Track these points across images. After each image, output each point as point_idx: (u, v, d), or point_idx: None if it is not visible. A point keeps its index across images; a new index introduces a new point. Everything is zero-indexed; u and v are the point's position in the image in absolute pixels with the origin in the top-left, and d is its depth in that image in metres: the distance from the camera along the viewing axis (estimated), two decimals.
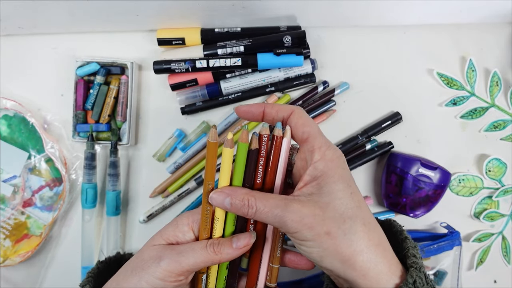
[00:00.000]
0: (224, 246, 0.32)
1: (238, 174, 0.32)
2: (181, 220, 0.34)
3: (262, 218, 0.30)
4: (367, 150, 0.50)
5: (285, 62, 0.47)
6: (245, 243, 0.32)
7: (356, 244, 0.28)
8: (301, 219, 0.28)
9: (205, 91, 0.49)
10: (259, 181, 0.32)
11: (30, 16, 0.47)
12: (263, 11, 0.46)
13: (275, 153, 0.32)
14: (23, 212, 0.51)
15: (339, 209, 0.28)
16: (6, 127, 0.51)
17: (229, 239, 0.32)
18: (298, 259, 0.35)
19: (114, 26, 0.50)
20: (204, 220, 0.32)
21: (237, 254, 0.32)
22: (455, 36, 0.51)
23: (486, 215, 0.50)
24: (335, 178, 0.29)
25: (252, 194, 0.30)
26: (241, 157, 0.32)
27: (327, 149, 0.30)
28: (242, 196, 0.30)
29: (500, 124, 0.51)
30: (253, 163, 0.32)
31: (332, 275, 0.31)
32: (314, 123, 0.32)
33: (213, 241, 0.32)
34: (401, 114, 0.50)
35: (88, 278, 0.34)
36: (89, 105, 0.50)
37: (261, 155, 0.32)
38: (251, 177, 0.32)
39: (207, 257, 0.31)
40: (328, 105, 0.50)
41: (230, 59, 0.47)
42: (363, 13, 0.48)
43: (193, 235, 0.33)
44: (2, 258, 0.50)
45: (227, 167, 0.32)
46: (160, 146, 0.51)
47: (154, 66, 0.48)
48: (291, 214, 0.28)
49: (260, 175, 0.32)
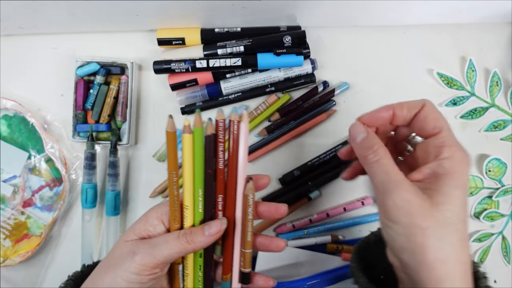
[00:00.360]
0: (197, 234, 0.32)
1: (197, 159, 0.32)
2: (150, 214, 0.34)
3: (374, 170, 0.30)
4: None
5: (285, 62, 0.47)
6: (217, 230, 0.33)
7: (445, 253, 0.27)
8: (406, 202, 0.27)
9: (205, 91, 0.49)
10: (221, 167, 0.33)
11: (30, 16, 0.47)
12: (263, 11, 0.46)
13: (235, 138, 0.33)
14: (23, 212, 0.51)
15: (447, 214, 0.27)
16: (6, 127, 0.51)
17: (200, 228, 0.33)
18: (269, 241, 0.36)
19: (114, 26, 0.50)
20: (173, 211, 0.33)
21: (210, 241, 0.32)
22: (455, 36, 0.51)
23: (486, 215, 0.50)
24: (458, 183, 0.28)
25: (384, 146, 0.30)
26: (198, 142, 0.32)
27: (457, 150, 0.29)
28: (375, 141, 0.30)
29: (500, 124, 0.51)
30: (211, 148, 0.33)
31: (398, 268, 0.30)
32: (444, 118, 0.31)
33: (185, 231, 0.32)
34: None
35: (68, 281, 0.34)
36: (89, 105, 0.50)
37: (219, 140, 0.33)
38: (211, 163, 0.33)
39: (181, 247, 0.31)
40: (328, 105, 0.50)
41: (230, 59, 0.47)
42: (363, 13, 0.48)
43: (163, 227, 0.33)
44: (2, 258, 0.50)
45: (188, 153, 0.32)
46: (160, 146, 0.51)
47: (154, 66, 0.48)
48: (400, 192, 0.28)
49: (222, 160, 0.33)
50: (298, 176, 0.50)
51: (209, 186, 0.34)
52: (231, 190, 0.34)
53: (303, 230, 0.50)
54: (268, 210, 0.35)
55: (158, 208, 0.34)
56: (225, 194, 0.34)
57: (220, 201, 0.34)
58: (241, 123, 0.33)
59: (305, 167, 0.50)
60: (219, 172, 0.33)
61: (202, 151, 0.33)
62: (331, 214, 0.50)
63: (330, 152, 0.50)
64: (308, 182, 0.50)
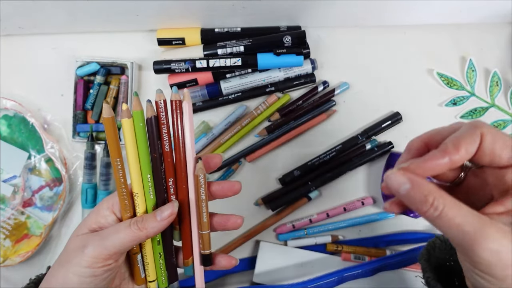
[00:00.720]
0: (148, 221, 0.31)
1: (141, 144, 0.32)
2: (101, 205, 0.33)
3: (442, 226, 0.24)
4: (367, 150, 0.50)
5: (285, 62, 0.47)
6: (168, 213, 0.31)
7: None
8: (497, 255, 0.22)
9: (205, 91, 0.49)
10: (167, 149, 0.32)
11: (30, 16, 0.47)
12: (263, 11, 0.46)
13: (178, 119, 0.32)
14: (23, 212, 0.51)
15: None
16: (6, 127, 0.51)
17: (152, 214, 0.32)
18: (225, 220, 0.35)
19: (114, 26, 0.50)
20: (122, 200, 0.32)
21: (163, 226, 0.31)
22: (455, 36, 0.51)
23: None
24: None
25: (441, 193, 0.24)
26: (138, 126, 0.31)
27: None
28: (428, 191, 0.24)
29: (500, 124, 0.51)
30: (154, 131, 0.32)
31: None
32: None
33: (136, 218, 0.31)
34: (401, 114, 0.50)
35: (29, 284, 0.34)
36: (89, 105, 0.50)
37: (161, 122, 0.32)
38: (156, 146, 0.32)
39: (133, 235, 0.30)
40: (328, 105, 0.50)
41: (230, 59, 0.47)
42: (363, 13, 0.48)
43: (115, 218, 0.32)
44: (2, 258, 0.50)
45: (130, 139, 0.31)
46: None
47: (154, 66, 0.48)
48: (487, 242, 0.22)
49: (167, 143, 0.32)
50: (298, 176, 0.50)
51: (157, 170, 0.33)
52: (180, 172, 0.33)
53: (303, 230, 0.50)
54: (221, 189, 0.34)
55: (109, 199, 0.33)
56: (175, 177, 0.33)
57: (171, 185, 0.33)
58: (184, 102, 0.32)
59: (305, 167, 0.50)
60: (166, 155, 0.33)
61: (145, 135, 0.32)
62: (331, 214, 0.50)
63: (330, 152, 0.50)
64: (308, 182, 0.50)
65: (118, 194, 0.32)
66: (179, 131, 0.32)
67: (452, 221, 0.23)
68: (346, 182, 0.51)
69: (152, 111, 0.31)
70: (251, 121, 0.50)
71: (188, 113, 0.32)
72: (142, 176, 0.32)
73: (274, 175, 0.52)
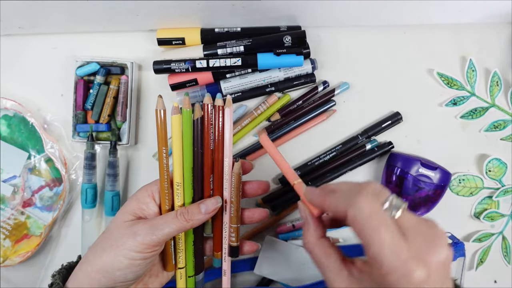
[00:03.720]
0: (194, 213, 0.34)
1: (186, 139, 0.36)
2: (140, 194, 0.36)
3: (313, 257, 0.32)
4: (367, 150, 0.50)
5: (285, 62, 0.47)
6: (213, 208, 0.35)
7: None
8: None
9: (205, 91, 0.49)
10: (211, 148, 0.36)
11: (30, 16, 0.47)
12: (263, 11, 0.46)
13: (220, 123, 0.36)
14: (23, 212, 0.51)
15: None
16: (6, 127, 0.51)
17: (197, 206, 0.35)
18: (252, 213, 0.39)
19: (114, 26, 0.50)
20: (163, 188, 0.35)
21: (206, 219, 0.35)
22: (455, 36, 0.51)
23: (486, 215, 0.50)
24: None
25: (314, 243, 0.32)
26: (186, 123, 0.35)
27: (390, 274, 0.26)
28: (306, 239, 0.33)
29: (500, 124, 0.51)
30: (199, 130, 0.36)
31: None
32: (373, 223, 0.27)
33: (182, 210, 0.35)
34: (401, 114, 0.50)
35: (61, 269, 0.36)
36: (89, 105, 0.50)
37: (207, 122, 0.36)
38: (199, 144, 0.36)
39: (180, 225, 0.34)
40: (328, 105, 0.50)
41: (230, 59, 0.47)
42: (363, 13, 0.48)
43: (155, 204, 0.36)
44: (2, 258, 0.50)
45: (177, 133, 0.35)
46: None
47: (154, 66, 0.48)
48: (335, 283, 0.29)
49: (209, 142, 0.36)
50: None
51: (198, 164, 0.36)
52: (218, 170, 0.37)
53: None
54: (252, 187, 0.39)
55: (148, 187, 0.36)
56: (213, 173, 0.37)
57: (211, 180, 0.37)
58: (226, 108, 0.36)
59: (305, 167, 0.50)
60: (207, 153, 0.36)
61: (191, 131, 0.36)
62: None
63: (330, 152, 0.50)
64: (308, 182, 0.50)
65: (160, 182, 0.35)
66: (219, 133, 0.36)
67: (320, 261, 0.31)
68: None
69: (199, 112, 0.36)
70: (251, 121, 0.50)
71: (229, 118, 0.36)
72: (184, 168, 0.36)
73: (274, 175, 0.52)
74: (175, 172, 0.36)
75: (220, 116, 0.36)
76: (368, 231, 0.27)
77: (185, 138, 0.35)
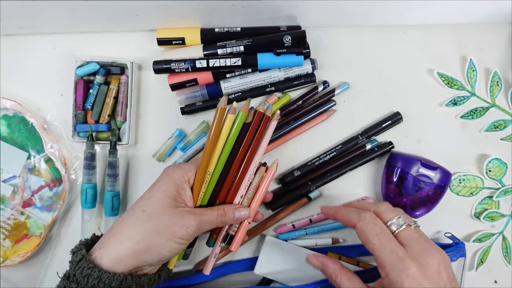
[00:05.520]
0: (229, 218, 0.41)
1: (231, 137, 0.41)
2: (178, 178, 0.40)
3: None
4: (367, 150, 0.50)
5: (285, 62, 0.47)
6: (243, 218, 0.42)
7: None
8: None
9: (205, 91, 0.49)
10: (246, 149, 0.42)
11: (30, 16, 0.47)
12: (263, 11, 0.46)
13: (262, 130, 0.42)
14: (23, 212, 0.51)
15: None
16: (6, 127, 0.51)
17: (232, 212, 0.41)
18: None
19: (114, 26, 0.50)
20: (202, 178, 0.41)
21: (234, 223, 0.42)
22: (455, 36, 0.51)
23: (486, 215, 0.50)
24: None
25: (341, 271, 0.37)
26: (239, 124, 0.41)
27: (390, 269, 0.33)
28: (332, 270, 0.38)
29: (500, 124, 0.51)
30: (245, 132, 0.41)
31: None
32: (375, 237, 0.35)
33: (221, 212, 0.40)
34: (401, 114, 0.50)
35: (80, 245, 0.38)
36: (89, 105, 0.50)
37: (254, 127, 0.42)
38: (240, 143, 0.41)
39: (217, 223, 0.40)
40: (328, 105, 0.50)
41: (230, 59, 0.47)
42: (363, 13, 0.48)
43: (190, 190, 0.40)
44: (2, 258, 0.50)
45: (227, 129, 0.41)
46: (160, 146, 0.51)
47: (154, 66, 0.48)
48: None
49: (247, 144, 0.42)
50: (298, 176, 0.50)
51: (229, 160, 0.42)
52: (245, 168, 0.42)
53: (303, 230, 0.50)
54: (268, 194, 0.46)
55: (184, 172, 0.40)
56: (240, 170, 0.42)
57: (235, 175, 0.42)
58: (272, 121, 0.43)
59: (305, 167, 0.50)
60: (242, 151, 0.42)
61: (238, 131, 0.41)
62: None
63: (330, 152, 0.50)
64: (308, 182, 0.50)
65: (201, 172, 0.41)
66: (258, 139, 0.42)
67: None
68: (346, 182, 0.51)
69: (251, 117, 0.41)
70: None
71: (271, 129, 0.43)
72: (219, 160, 0.41)
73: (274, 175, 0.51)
74: (211, 162, 0.41)
75: (264, 126, 0.42)
76: (372, 239, 0.34)
77: (232, 136, 0.41)
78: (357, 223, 0.36)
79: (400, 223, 0.35)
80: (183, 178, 0.40)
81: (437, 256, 0.33)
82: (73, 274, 0.35)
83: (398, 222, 0.35)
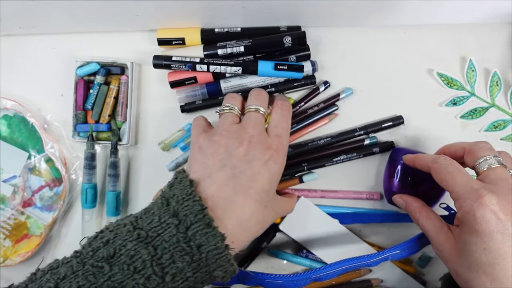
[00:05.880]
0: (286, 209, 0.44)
1: None
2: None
3: (419, 226, 0.39)
4: (365, 145, 0.50)
5: (285, 74, 0.48)
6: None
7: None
8: (441, 251, 0.36)
9: (205, 90, 0.49)
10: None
11: (30, 16, 0.47)
12: (263, 11, 0.46)
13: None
14: (23, 212, 0.51)
15: (469, 258, 0.32)
16: (6, 127, 0.51)
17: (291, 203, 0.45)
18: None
19: (114, 26, 0.50)
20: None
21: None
22: (455, 36, 0.51)
23: None
24: (470, 230, 0.32)
25: (420, 209, 0.40)
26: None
27: (463, 201, 0.33)
28: (413, 207, 0.41)
29: (500, 124, 0.51)
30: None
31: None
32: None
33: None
34: (403, 118, 0.50)
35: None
36: (89, 105, 0.50)
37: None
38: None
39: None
40: (330, 109, 0.50)
41: (231, 67, 0.46)
42: (363, 13, 0.48)
43: None
44: (2, 258, 0.50)
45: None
46: (167, 136, 0.51)
47: (154, 61, 0.47)
48: (436, 243, 0.37)
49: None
50: (289, 155, 0.48)
51: None
52: None
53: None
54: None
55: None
56: None
57: None
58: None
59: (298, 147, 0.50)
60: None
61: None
62: (326, 196, 0.51)
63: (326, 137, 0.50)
64: (302, 164, 0.50)
65: None
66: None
67: (423, 226, 0.39)
68: (345, 175, 0.51)
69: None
70: None
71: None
72: None
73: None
74: None
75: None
76: (444, 176, 0.35)
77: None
78: (431, 165, 0.37)
79: (493, 163, 0.33)
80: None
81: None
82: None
83: (491, 161, 0.33)
